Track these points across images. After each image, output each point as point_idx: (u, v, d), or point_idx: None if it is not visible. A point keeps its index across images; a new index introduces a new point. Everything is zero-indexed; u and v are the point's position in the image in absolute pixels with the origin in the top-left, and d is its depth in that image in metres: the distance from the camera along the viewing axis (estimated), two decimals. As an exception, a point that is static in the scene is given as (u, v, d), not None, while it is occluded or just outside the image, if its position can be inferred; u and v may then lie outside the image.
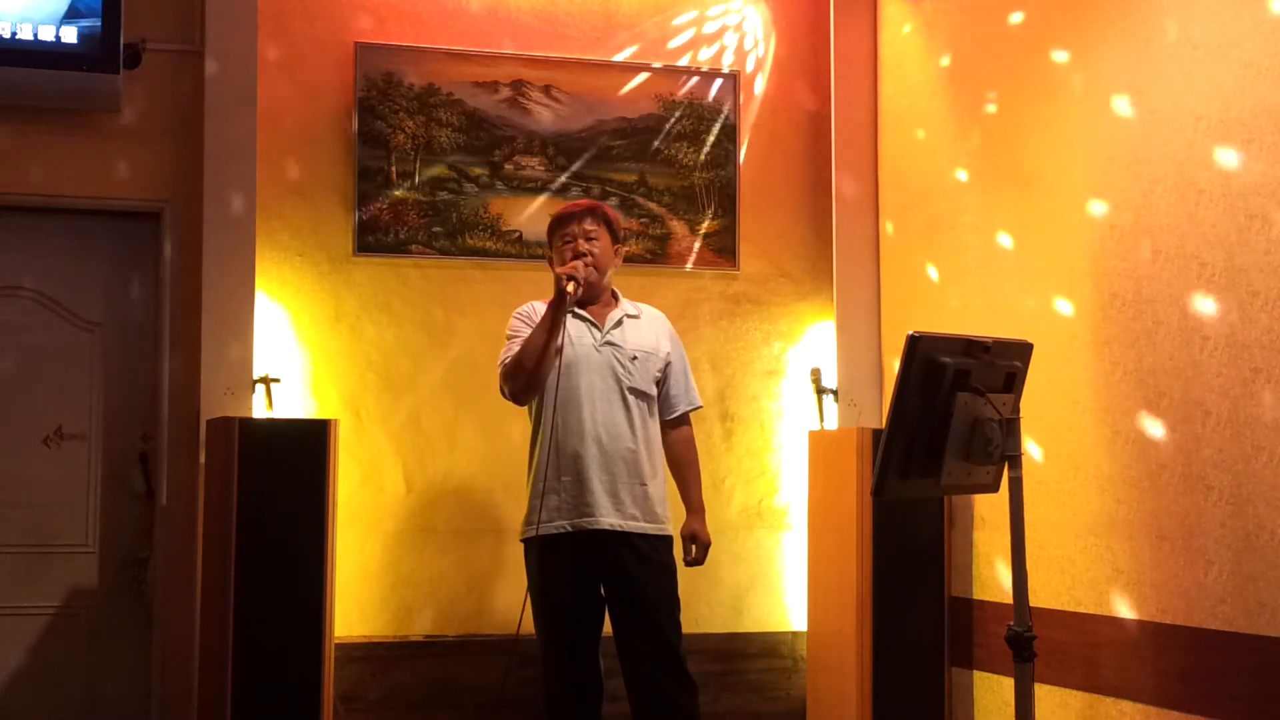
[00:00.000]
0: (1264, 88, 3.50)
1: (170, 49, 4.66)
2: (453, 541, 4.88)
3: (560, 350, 3.92)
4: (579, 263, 3.97)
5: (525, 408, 4.10)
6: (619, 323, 4.10)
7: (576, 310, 4.03)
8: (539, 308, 4.09)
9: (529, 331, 4.00)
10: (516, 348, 3.99)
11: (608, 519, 3.94)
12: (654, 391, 4.10)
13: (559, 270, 3.95)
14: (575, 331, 3.98)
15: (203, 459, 4.47)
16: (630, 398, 4.02)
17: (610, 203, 4.98)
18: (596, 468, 3.95)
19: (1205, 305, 3.67)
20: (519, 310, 4.14)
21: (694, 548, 4.11)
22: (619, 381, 4.02)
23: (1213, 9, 3.67)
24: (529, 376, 3.96)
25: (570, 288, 3.89)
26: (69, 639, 4.57)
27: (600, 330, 4.06)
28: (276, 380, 4.61)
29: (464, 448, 4.91)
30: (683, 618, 4.05)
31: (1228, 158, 3.61)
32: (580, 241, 4.06)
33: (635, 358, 4.05)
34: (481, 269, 4.98)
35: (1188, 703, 3.70)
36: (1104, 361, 4.04)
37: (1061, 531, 4.18)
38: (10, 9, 4.34)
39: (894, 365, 3.17)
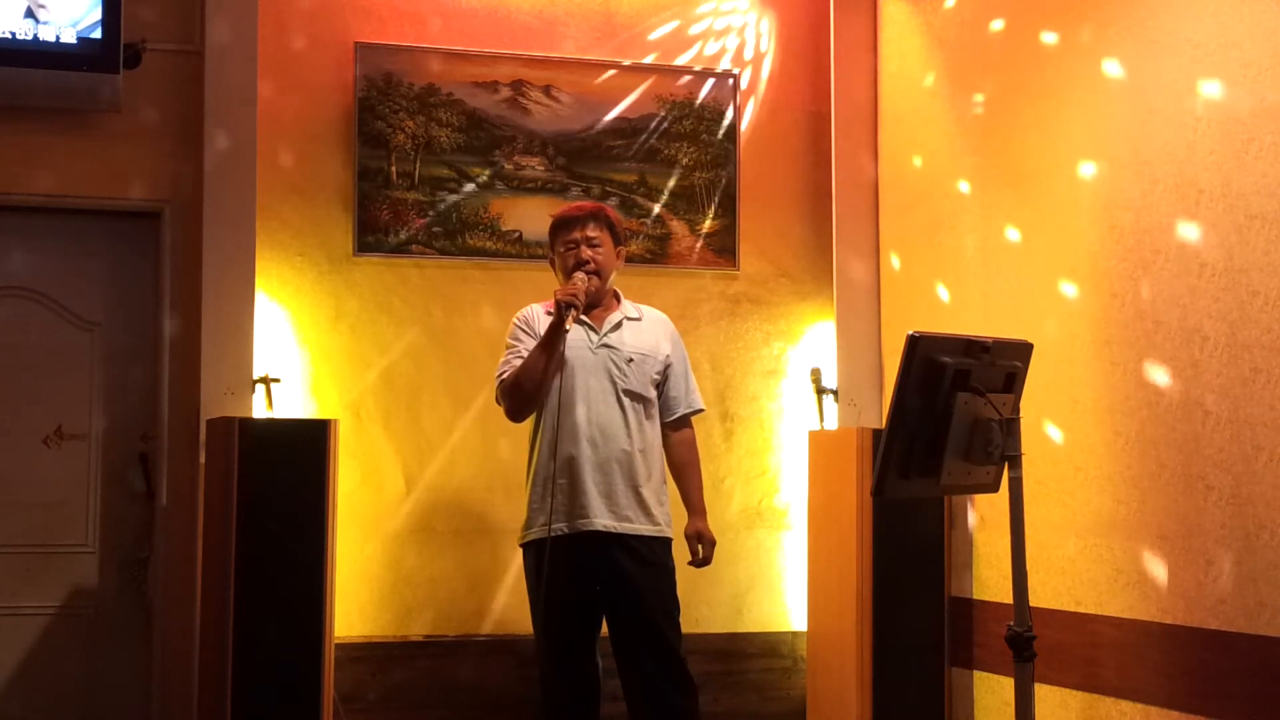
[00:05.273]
0: (1264, 88, 3.50)
1: (170, 49, 4.66)
2: (452, 542, 4.88)
3: (561, 364, 3.92)
4: (579, 286, 3.94)
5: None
6: (617, 325, 4.09)
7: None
8: (538, 312, 4.08)
9: (529, 343, 4.00)
10: (516, 361, 3.99)
11: (601, 520, 3.93)
12: (652, 394, 4.09)
13: (560, 295, 3.91)
14: (572, 334, 3.95)
15: (203, 459, 4.47)
16: (626, 400, 4.01)
17: (610, 203, 4.98)
18: (591, 469, 3.95)
19: (1205, 306, 3.67)
20: (519, 316, 4.13)
21: (700, 547, 4.10)
22: (614, 383, 4.01)
23: (1213, 9, 3.67)
24: (526, 398, 3.97)
25: (570, 321, 3.88)
26: (69, 639, 4.57)
27: (597, 333, 4.05)
28: (276, 380, 4.61)
29: (464, 448, 4.91)
30: (683, 618, 4.05)
31: (1228, 157, 3.61)
32: (584, 249, 4.04)
33: (631, 360, 4.05)
34: (481, 269, 4.98)
35: (1188, 703, 3.70)
36: (1104, 361, 4.04)
37: (1061, 531, 4.18)
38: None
39: (894, 365, 3.16)
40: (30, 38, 4.35)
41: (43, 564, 4.58)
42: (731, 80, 5.25)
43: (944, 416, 3.10)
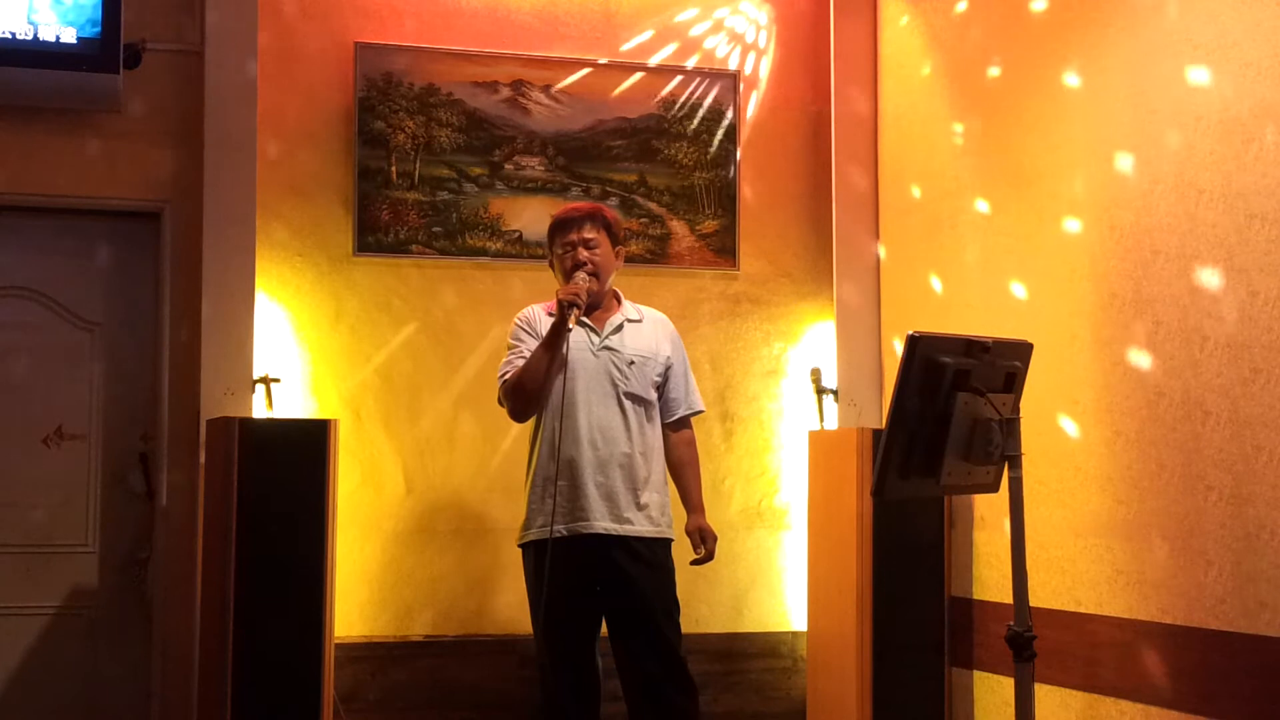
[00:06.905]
0: (1264, 88, 3.50)
1: (170, 49, 4.66)
2: (452, 542, 4.88)
3: (564, 365, 3.92)
4: (581, 286, 3.94)
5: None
6: (618, 327, 4.09)
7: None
8: (539, 313, 4.08)
9: (531, 343, 4.00)
10: (519, 361, 3.99)
11: (601, 523, 3.93)
12: (653, 396, 4.09)
13: (561, 295, 3.91)
14: (574, 336, 3.95)
15: (203, 459, 4.47)
16: (627, 402, 4.01)
17: (610, 203, 4.99)
18: (591, 471, 3.94)
19: (1205, 305, 3.67)
20: (520, 316, 4.13)
21: (702, 543, 4.09)
22: (615, 386, 4.01)
23: (1213, 9, 3.67)
24: (529, 398, 3.97)
25: (572, 320, 3.87)
26: (69, 639, 4.57)
27: (599, 335, 4.05)
28: (276, 380, 4.61)
29: (464, 448, 4.91)
30: (683, 618, 4.05)
31: (1228, 157, 3.61)
32: (581, 250, 4.04)
33: (632, 362, 4.04)
34: (481, 269, 4.98)
35: (1188, 703, 3.70)
36: (1104, 361, 4.04)
37: (1061, 531, 4.18)
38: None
39: (894, 365, 3.16)
40: (30, 38, 4.35)
41: (43, 564, 4.58)
42: (731, 80, 5.25)
43: (944, 416, 3.09)
